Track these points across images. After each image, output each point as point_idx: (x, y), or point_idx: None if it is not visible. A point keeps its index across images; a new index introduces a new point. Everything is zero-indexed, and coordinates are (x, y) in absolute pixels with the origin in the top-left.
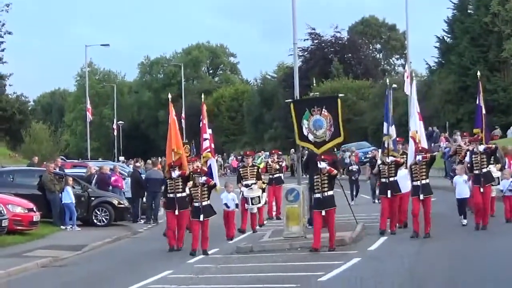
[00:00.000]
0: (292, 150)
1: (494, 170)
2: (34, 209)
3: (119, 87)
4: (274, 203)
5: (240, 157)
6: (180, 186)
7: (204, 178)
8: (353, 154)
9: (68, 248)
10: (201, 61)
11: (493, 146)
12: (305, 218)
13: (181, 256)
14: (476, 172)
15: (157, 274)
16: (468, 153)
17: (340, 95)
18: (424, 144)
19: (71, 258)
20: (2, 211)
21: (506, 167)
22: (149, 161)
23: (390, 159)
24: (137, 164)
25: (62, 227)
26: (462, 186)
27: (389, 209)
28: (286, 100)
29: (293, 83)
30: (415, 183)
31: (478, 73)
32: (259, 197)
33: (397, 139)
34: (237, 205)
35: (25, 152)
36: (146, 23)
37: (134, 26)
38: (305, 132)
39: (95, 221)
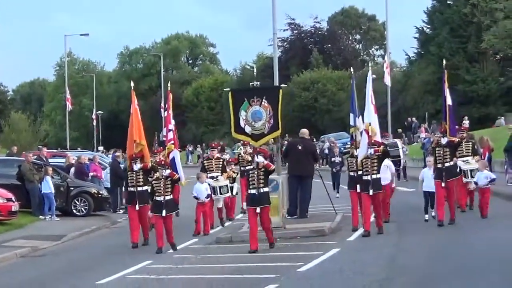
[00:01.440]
0: (271, 140)
1: (472, 162)
2: (13, 199)
3: (98, 77)
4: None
5: (211, 149)
6: (141, 180)
7: (168, 171)
8: (335, 145)
9: (47, 238)
10: (180, 51)
11: (456, 139)
12: (284, 209)
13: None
14: (439, 166)
15: (137, 264)
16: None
17: (282, 85)
18: (378, 137)
19: (50, 248)
20: None
21: (481, 158)
22: None
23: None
24: (116, 154)
25: (41, 217)
26: (430, 179)
27: (368, 205)
28: (225, 89)
29: (272, 73)
30: (365, 177)
31: (444, 62)
32: (227, 186)
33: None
34: (209, 196)
35: (4, 142)
36: (126, 12)
37: (114, 16)
38: (242, 124)
39: (74, 211)
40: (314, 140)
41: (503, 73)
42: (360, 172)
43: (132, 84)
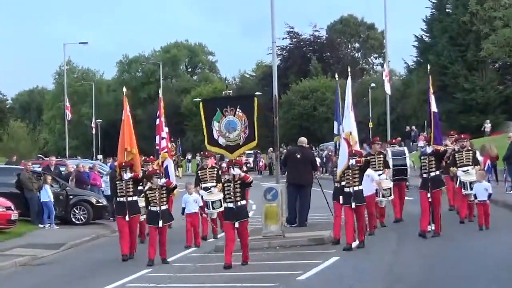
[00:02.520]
0: (271, 149)
1: (472, 172)
2: (12, 207)
3: (97, 86)
4: None
5: (205, 158)
6: (131, 189)
7: (163, 180)
8: (333, 154)
9: (47, 246)
10: (179, 59)
11: (442, 148)
12: (283, 218)
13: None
14: (424, 175)
15: (135, 273)
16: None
17: (257, 93)
18: (357, 147)
19: (50, 257)
20: None
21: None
22: None
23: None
24: (115, 162)
25: (40, 225)
26: None
27: (352, 218)
28: (195, 99)
29: (271, 81)
30: (347, 189)
31: (429, 67)
32: (220, 200)
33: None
34: (201, 207)
35: (3, 150)
36: (125, 21)
37: (113, 24)
38: (215, 135)
39: (73, 219)
40: (313, 148)
41: (502, 81)
42: (343, 183)
43: (124, 90)
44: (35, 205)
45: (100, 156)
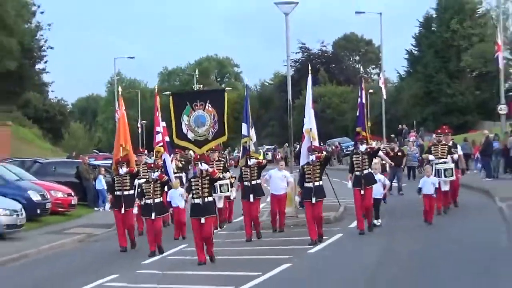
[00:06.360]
0: (286, 144)
1: (449, 161)
2: (72, 194)
3: (142, 93)
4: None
5: (211, 152)
6: (128, 184)
7: (156, 173)
8: (336, 149)
9: (101, 226)
10: (210, 71)
11: (376, 146)
12: (296, 201)
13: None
14: (357, 173)
15: (174, 248)
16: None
17: (227, 88)
18: (317, 143)
19: (103, 235)
20: (46, 196)
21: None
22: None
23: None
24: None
25: (95, 209)
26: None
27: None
28: (165, 92)
29: (286, 89)
30: (307, 184)
31: (361, 70)
32: (227, 184)
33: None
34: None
35: (65, 147)
36: (165, 38)
37: (155, 41)
38: (184, 130)
39: None
40: (322, 144)
41: (478, 87)
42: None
43: (120, 89)
44: (91, 192)
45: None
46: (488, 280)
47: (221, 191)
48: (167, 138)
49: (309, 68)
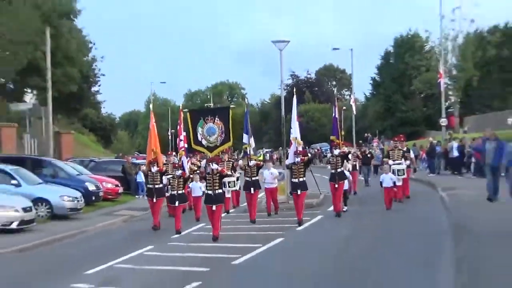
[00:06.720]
0: (280, 148)
1: (402, 163)
2: (119, 185)
3: (172, 109)
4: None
5: (222, 154)
6: (158, 179)
7: (180, 171)
8: (318, 151)
9: (140, 209)
10: (223, 92)
11: (347, 150)
12: (287, 190)
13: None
14: (333, 171)
15: (196, 225)
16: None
17: (231, 106)
18: (301, 148)
19: (142, 216)
20: (99, 186)
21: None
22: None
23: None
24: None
25: (136, 196)
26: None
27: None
28: (183, 110)
29: (281, 106)
30: (294, 180)
31: (335, 91)
32: (234, 181)
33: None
34: (204, 193)
35: (114, 150)
36: (190, 66)
37: (179, 69)
38: (199, 138)
39: None
40: (307, 147)
41: (425, 105)
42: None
43: (151, 106)
44: (133, 184)
45: (174, 153)
46: (429, 239)
47: (229, 187)
48: (186, 145)
49: (294, 90)
